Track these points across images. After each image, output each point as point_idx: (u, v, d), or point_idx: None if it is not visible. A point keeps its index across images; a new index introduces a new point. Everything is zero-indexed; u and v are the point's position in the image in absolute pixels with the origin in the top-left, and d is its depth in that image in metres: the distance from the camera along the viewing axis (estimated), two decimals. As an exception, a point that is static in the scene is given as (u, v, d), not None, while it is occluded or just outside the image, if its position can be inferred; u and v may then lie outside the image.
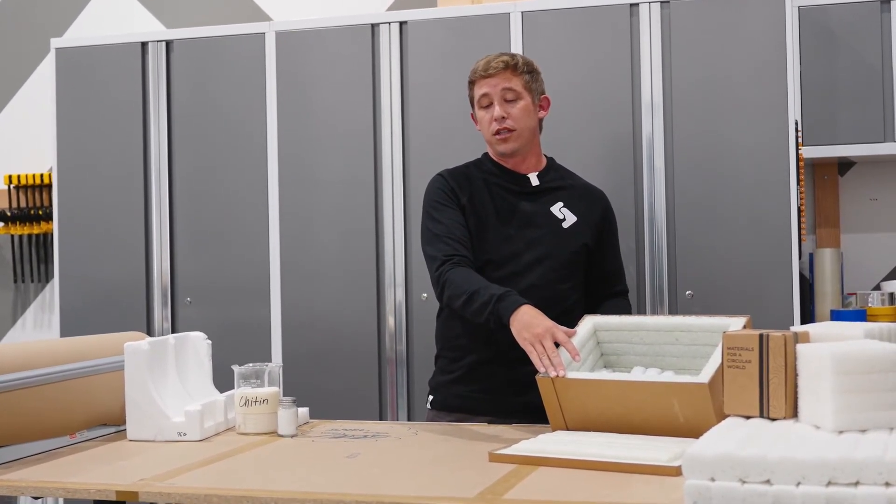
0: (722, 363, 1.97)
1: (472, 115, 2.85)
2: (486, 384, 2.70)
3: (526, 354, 2.38)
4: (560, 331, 2.37)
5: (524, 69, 2.74)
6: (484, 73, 2.73)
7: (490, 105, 2.73)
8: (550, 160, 2.88)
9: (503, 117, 2.71)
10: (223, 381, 2.76)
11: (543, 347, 2.33)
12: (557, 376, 2.27)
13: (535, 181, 2.79)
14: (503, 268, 2.70)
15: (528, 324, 2.39)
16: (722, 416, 1.97)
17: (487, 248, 2.72)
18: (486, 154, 2.86)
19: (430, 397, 2.82)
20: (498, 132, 2.72)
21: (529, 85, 2.74)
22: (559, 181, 2.83)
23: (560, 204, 2.79)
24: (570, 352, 2.34)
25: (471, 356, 2.73)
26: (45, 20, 4.75)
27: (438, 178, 2.81)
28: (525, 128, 2.74)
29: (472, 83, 2.78)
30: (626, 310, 2.84)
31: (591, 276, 2.83)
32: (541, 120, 2.83)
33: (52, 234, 4.48)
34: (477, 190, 2.77)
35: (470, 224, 2.73)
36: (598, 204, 2.85)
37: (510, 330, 2.43)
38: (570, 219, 2.77)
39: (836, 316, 3.66)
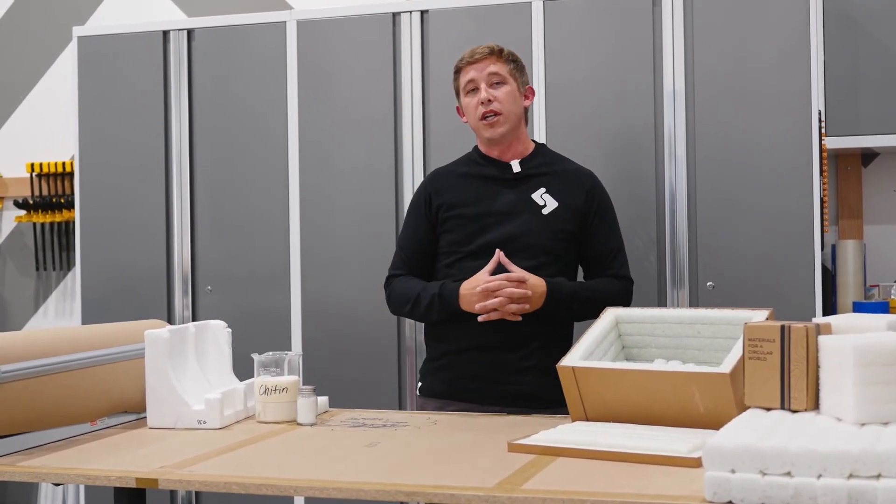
0: (743, 354, 1.96)
1: (457, 108, 2.89)
2: (467, 371, 2.74)
3: (500, 341, 2.68)
4: (484, 276, 2.61)
5: (509, 57, 2.81)
6: (470, 59, 2.79)
7: (476, 90, 2.77)
8: (539, 146, 2.88)
9: (489, 100, 2.74)
10: (243, 369, 2.77)
11: (495, 300, 2.59)
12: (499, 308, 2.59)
13: (516, 168, 2.80)
14: (482, 258, 2.71)
15: (469, 299, 2.64)
16: (742, 408, 1.96)
17: (467, 240, 2.75)
18: (475, 147, 2.89)
19: (419, 384, 2.88)
20: (484, 116, 2.75)
21: (514, 73, 2.80)
22: (544, 167, 2.82)
23: (542, 190, 2.78)
24: (490, 269, 2.62)
25: (451, 344, 2.77)
26: (68, 8, 4.77)
27: (421, 183, 2.93)
28: (511, 112, 2.77)
29: (457, 72, 2.83)
30: (607, 288, 2.77)
31: (583, 260, 2.83)
32: (526, 109, 2.86)
33: (73, 222, 4.50)
34: (456, 187, 2.82)
35: (448, 220, 2.78)
36: (582, 187, 2.81)
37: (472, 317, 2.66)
38: (550, 205, 2.77)
39: (859, 308, 3.64)
